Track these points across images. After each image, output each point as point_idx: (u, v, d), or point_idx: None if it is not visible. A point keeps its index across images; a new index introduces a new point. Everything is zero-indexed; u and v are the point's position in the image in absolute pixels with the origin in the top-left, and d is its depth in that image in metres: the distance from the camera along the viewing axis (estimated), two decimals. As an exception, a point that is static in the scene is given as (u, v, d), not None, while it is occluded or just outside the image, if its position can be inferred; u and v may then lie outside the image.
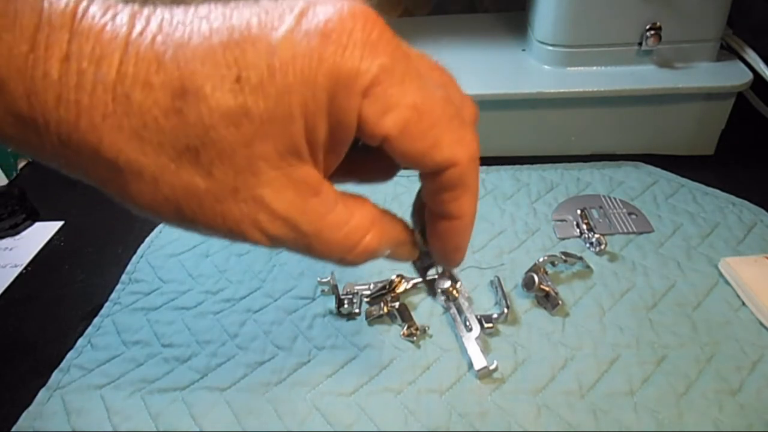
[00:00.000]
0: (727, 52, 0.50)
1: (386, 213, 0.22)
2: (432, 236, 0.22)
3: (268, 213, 0.18)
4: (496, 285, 0.39)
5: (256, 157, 0.16)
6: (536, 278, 0.38)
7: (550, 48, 0.50)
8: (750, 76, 0.47)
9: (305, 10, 0.16)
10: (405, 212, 0.24)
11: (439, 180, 0.19)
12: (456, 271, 0.40)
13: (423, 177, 0.20)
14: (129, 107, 0.16)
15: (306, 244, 0.19)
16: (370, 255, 0.20)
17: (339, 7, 0.16)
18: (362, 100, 0.16)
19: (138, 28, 0.16)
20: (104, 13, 0.16)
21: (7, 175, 0.55)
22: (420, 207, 0.23)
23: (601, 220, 0.44)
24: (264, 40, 0.16)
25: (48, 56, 0.15)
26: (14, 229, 0.49)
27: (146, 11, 0.16)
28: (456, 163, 0.18)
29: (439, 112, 0.18)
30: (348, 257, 0.20)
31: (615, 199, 0.46)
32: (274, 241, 0.18)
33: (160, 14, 0.16)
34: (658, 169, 0.49)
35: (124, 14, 0.16)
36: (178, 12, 0.16)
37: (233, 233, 0.18)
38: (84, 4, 0.16)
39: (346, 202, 0.19)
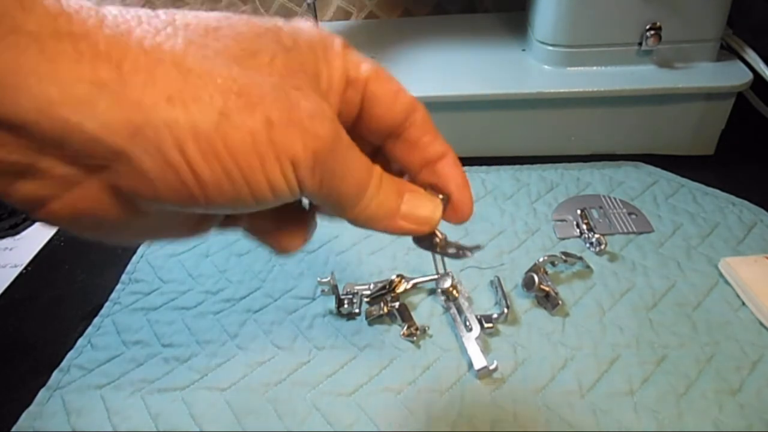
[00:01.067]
0: (727, 52, 0.50)
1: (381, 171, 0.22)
2: (438, 185, 0.23)
3: (325, 111, 0.19)
4: (496, 285, 0.39)
5: (298, 69, 0.19)
6: (536, 278, 0.38)
7: (550, 48, 0.50)
8: (750, 76, 0.47)
9: (289, 28, 0.20)
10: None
11: (414, 124, 0.22)
12: (456, 271, 0.40)
13: (395, 143, 0.22)
14: (178, 24, 0.17)
15: (330, 184, 0.19)
16: (386, 193, 0.21)
17: (309, 23, 0.21)
18: (343, 53, 0.20)
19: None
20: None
21: (7, 175, 0.55)
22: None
23: (601, 220, 0.44)
24: (275, 32, 0.19)
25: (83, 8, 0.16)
26: (14, 229, 0.49)
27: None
28: (417, 108, 0.22)
29: (386, 71, 0.22)
30: (365, 194, 0.20)
31: (615, 199, 0.46)
32: (328, 151, 0.18)
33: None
34: (658, 169, 0.49)
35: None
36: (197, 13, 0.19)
37: (303, 134, 0.17)
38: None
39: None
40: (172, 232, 0.21)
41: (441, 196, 0.23)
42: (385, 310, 0.37)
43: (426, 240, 0.24)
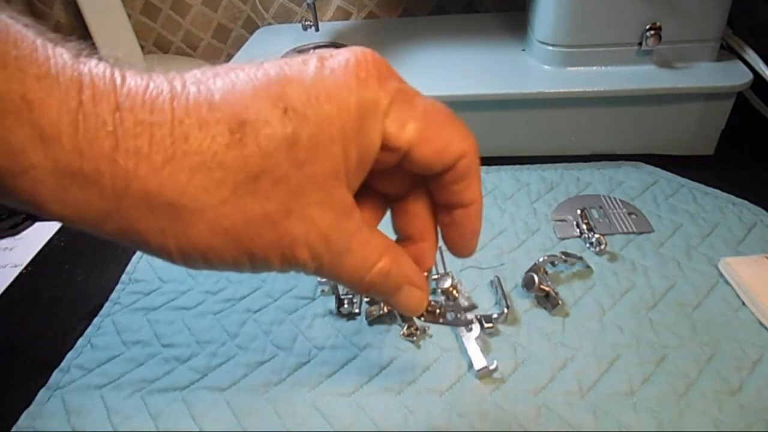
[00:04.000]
0: (727, 52, 0.50)
1: (399, 248, 0.23)
2: (448, 228, 0.24)
3: (316, 231, 0.19)
4: (496, 285, 0.39)
5: (306, 179, 0.18)
6: (536, 278, 0.38)
7: (550, 48, 0.50)
8: (750, 76, 0.47)
9: (323, 57, 0.19)
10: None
11: (452, 173, 0.22)
12: (456, 271, 0.40)
13: (435, 178, 0.22)
14: (188, 147, 0.17)
15: (337, 265, 0.20)
16: (383, 278, 0.22)
17: (350, 52, 0.19)
18: (384, 119, 0.19)
19: (178, 83, 0.18)
20: (140, 77, 0.17)
21: (7, 175, 0.55)
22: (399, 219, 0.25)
23: (601, 220, 0.44)
24: (298, 79, 0.18)
25: (98, 110, 0.16)
26: (14, 229, 0.49)
27: (173, 73, 0.18)
28: (465, 154, 0.21)
29: (444, 117, 0.21)
30: (366, 278, 0.21)
31: (615, 199, 0.46)
32: (315, 260, 0.20)
33: (191, 73, 0.18)
34: (658, 169, 0.49)
35: (157, 76, 0.18)
36: (204, 70, 0.18)
37: (284, 255, 0.19)
38: (119, 70, 0.17)
39: (367, 228, 0.21)
40: None
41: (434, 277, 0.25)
42: (385, 310, 0.37)
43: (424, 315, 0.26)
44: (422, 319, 0.27)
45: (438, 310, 0.27)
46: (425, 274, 0.25)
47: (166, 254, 0.18)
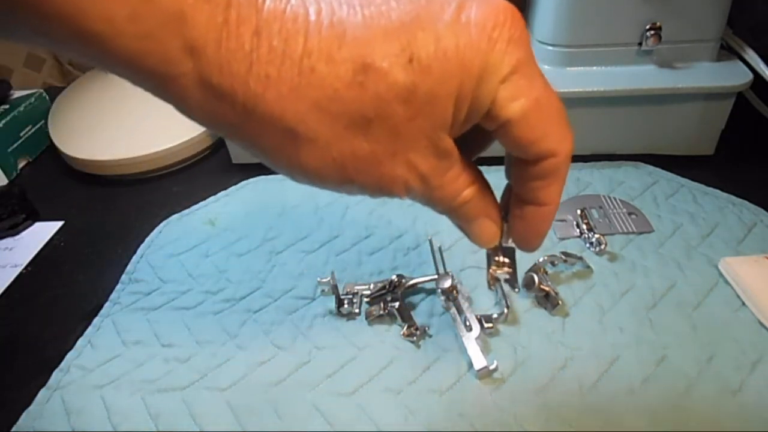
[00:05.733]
0: (727, 52, 0.50)
1: (486, 184, 0.24)
2: (516, 220, 0.24)
3: (415, 173, 0.21)
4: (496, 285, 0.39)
5: (416, 129, 0.19)
6: (536, 278, 0.38)
7: (550, 48, 0.50)
8: (750, 76, 0.47)
9: (462, 4, 0.19)
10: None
11: (536, 168, 0.21)
12: (456, 271, 0.40)
13: (518, 163, 0.22)
14: (313, 80, 0.18)
15: (429, 195, 0.22)
16: (464, 207, 0.23)
17: (493, 5, 0.19)
18: (499, 85, 0.19)
19: (312, 11, 0.18)
20: (275, 6, 0.18)
21: (7, 175, 0.55)
22: (507, 198, 0.25)
23: (601, 220, 0.44)
24: (430, 27, 0.18)
25: (240, 31, 0.17)
26: (14, 229, 0.49)
27: (304, 5, 0.18)
28: (556, 154, 0.21)
29: (553, 109, 0.20)
30: (452, 204, 0.23)
31: (615, 199, 0.46)
32: (408, 193, 0.22)
33: (324, 5, 0.18)
34: (658, 169, 0.49)
35: (290, 5, 0.18)
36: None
37: (381, 189, 0.21)
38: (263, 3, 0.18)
39: (461, 163, 0.22)
40: None
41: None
42: (385, 310, 0.37)
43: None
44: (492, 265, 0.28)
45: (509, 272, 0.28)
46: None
47: (278, 168, 0.20)
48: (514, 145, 0.21)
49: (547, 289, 0.37)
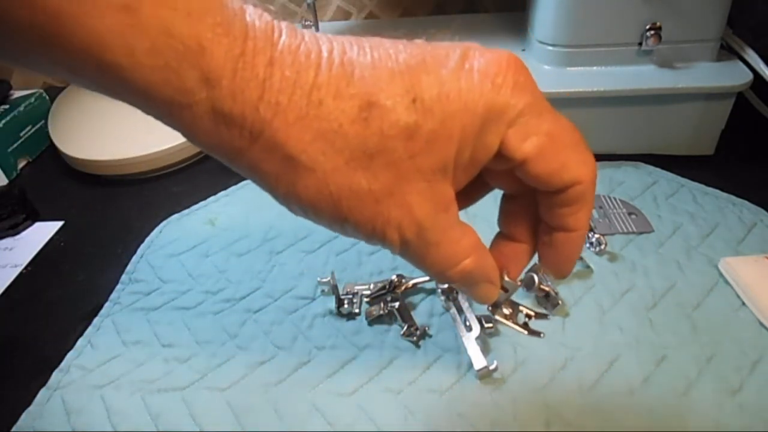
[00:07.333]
0: (727, 52, 0.50)
1: (484, 246, 0.24)
2: (546, 248, 0.24)
3: (411, 218, 0.20)
4: (496, 285, 0.39)
5: (416, 168, 0.19)
6: (536, 278, 0.37)
7: (550, 48, 0.50)
8: (750, 76, 0.47)
9: (467, 53, 0.20)
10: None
11: (563, 196, 0.22)
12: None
13: (544, 194, 0.22)
14: (320, 112, 0.18)
15: (422, 254, 0.22)
16: (464, 276, 0.23)
17: (496, 54, 0.20)
18: (507, 129, 0.20)
19: (325, 49, 0.19)
20: (294, 35, 0.19)
21: (7, 175, 0.55)
22: (506, 209, 0.26)
23: (601, 220, 0.44)
24: (435, 72, 0.19)
25: (255, 62, 0.18)
26: (14, 229, 0.49)
27: (323, 37, 0.19)
28: (580, 182, 0.21)
29: (568, 138, 0.21)
30: (447, 272, 0.23)
31: (615, 199, 0.46)
32: (403, 245, 0.21)
33: (338, 40, 0.20)
34: (658, 169, 0.49)
35: (308, 37, 0.19)
36: (351, 40, 0.20)
37: (375, 230, 0.21)
38: (278, 26, 0.19)
39: (460, 224, 0.22)
40: None
41: (519, 282, 0.26)
42: (385, 310, 0.37)
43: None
44: (496, 315, 0.29)
45: (509, 311, 0.28)
46: (514, 277, 0.26)
47: (276, 196, 0.21)
48: (537, 181, 0.21)
49: (547, 289, 0.37)
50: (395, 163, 0.19)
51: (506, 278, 0.26)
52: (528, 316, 0.37)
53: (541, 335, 0.34)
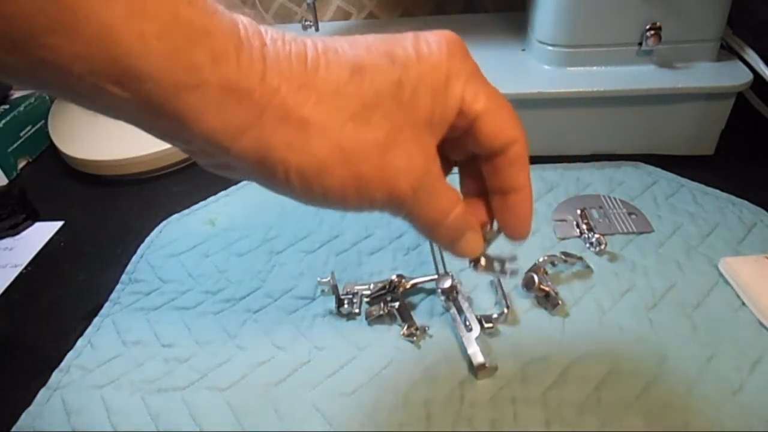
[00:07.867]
0: (727, 52, 0.50)
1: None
2: (503, 212, 0.27)
3: (414, 167, 0.22)
4: (496, 285, 0.39)
5: (406, 119, 0.22)
6: (536, 278, 0.38)
7: (550, 48, 0.50)
8: (750, 76, 0.47)
9: (417, 34, 0.23)
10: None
11: (506, 156, 0.24)
12: (456, 271, 0.40)
13: (489, 161, 0.25)
14: (317, 79, 0.21)
15: (424, 205, 0.23)
16: (457, 225, 0.25)
17: (441, 32, 0.23)
18: (464, 86, 0.23)
19: (308, 40, 0.22)
20: (275, 29, 0.21)
21: (7, 175, 0.55)
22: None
23: (601, 220, 0.44)
24: (401, 45, 0.22)
25: (252, 42, 0.20)
26: (14, 229, 0.49)
27: (300, 37, 0.22)
28: (518, 140, 0.24)
29: (503, 101, 0.24)
30: (445, 221, 0.24)
31: (615, 199, 0.46)
32: (412, 193, 0.23)
33: (314, 39, 0.22)
34: (658, 169, 0.49)
35: (289, 34, 0.21)
36: (324, 38, 0.22)
37: (386, 183, 0.22)
38: (259, 22, 0.21)
39: (443, 176, 0.24)
40: None
41: (496, 228, 0.27)
42: (385, 310, 0.37)
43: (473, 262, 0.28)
44: (478, 269, 0.29)
45: (485, 261, 0.29)
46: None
47: (284, 171, 0.21)
48: (486, 138, 0.24)
49: (547, 289, 0.37)
50: (390, 115, 0.21)
51: (487, 228, 0.27)
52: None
53: (515, 273, 0.33)
